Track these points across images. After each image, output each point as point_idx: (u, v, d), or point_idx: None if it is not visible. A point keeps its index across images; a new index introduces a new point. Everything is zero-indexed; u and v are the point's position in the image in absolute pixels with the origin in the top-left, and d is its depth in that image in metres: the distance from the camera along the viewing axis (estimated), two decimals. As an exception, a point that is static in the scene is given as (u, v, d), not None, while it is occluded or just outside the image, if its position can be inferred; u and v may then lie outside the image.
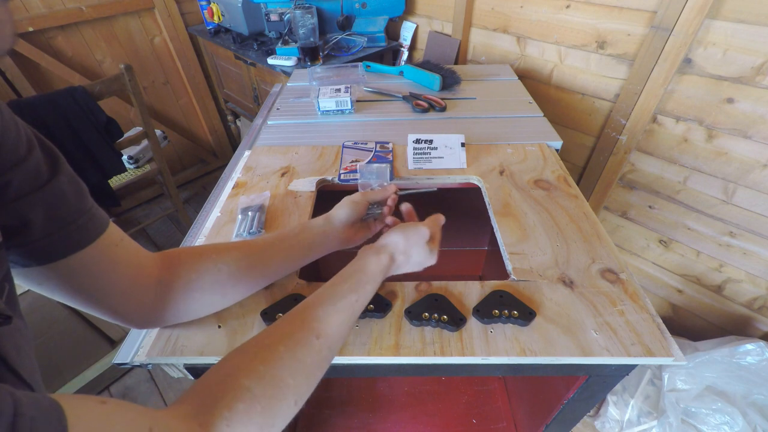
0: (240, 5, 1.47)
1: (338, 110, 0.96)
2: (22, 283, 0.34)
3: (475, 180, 0.76)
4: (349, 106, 0.95)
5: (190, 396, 0.31)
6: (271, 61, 1.46)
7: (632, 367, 0.51)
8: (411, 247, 0.50)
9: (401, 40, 1.65)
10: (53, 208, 0.32)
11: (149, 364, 0.48)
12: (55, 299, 0.37)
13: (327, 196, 0.76)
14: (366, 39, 1.55)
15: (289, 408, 0.34)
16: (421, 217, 0.57)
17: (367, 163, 0.78)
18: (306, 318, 0.39)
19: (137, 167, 1.64)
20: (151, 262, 0.43)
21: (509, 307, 0.50)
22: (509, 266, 0.58)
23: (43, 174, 0.32)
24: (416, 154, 0.80)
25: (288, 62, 1.43)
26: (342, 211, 0.56)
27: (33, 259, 0.33)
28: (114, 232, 0.38)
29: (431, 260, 0.52)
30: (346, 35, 1.53)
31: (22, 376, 0.27)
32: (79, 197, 0.35)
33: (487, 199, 0.70)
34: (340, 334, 0.41)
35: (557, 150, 0.85)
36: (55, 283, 0.35)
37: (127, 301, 0.40)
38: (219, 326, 0.50)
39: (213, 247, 0.48)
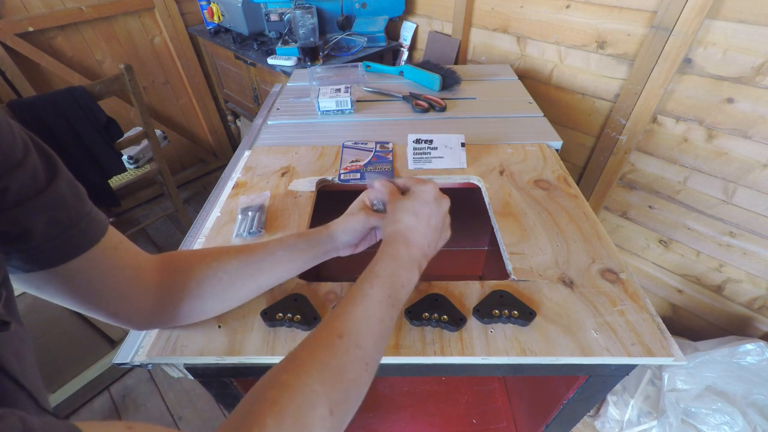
0: (240, 5, 1.47)
1: (338, 110, 0.96)
2: (20, 288, 0.34)
3: (475, 180, 0.76)
4: (349, 106, 0.95)
5: (227, 420, 0.30)
6: (271, 61, 1.46)
7: (632, 367, 0.51)
8: (402, 202, 0.47)
9: (401, 40, 1.65)
10: (53, 213, 0.32)
11: (149, 364, 0.48)
12: (55, 303, 0.37)
13: (327, 196, 0.76)
14: (366, 39, 1.55)
15: (324, 418, 0.31)
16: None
17: (370, 169, 0.78)
18: (327, 320, 0.38)
19: (137, 167, 1.64)
20: (151, 264, 0.43)
21: (509, 307, 0.50)
22: (509, 266, 0.58)
23: (41, 179, 0.31)
24: (416, 154, 0.80)
25: (288, 62, 1.43)
26: (347, 236, 0.54)
27: (34, 264, 0.33)
28: (113, 234, 0.38)
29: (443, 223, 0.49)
30: (346, 35, 1.53)
31: (22, 383, 0.27)
32: (79, 200, 0.35)
33: (487, 199, 0.70)
34: (367, 328, 0.38)
35: (557, 150, 0.85)
36: (55, 287, 0.35)
37: (126, 304, 0.40)
38: (219, 326, 0.50)
39: (213, 252, 0.48)
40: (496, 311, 0.50)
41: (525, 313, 0.49)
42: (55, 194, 0.32)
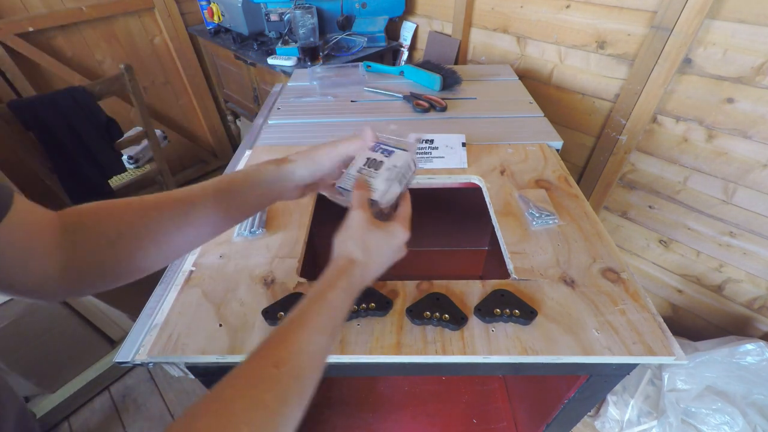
0: (240, 5, 1.47)
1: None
2: None
3: (475, 180, 0.76)
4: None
5: None
6: (271, 61, 1.46)
7: (633, 366, 0.51)
8: (378, 233, 0.41)
9: (401, 40, 1.65)
10: None
11: (150, 362, 0.48)
12: None
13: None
14: (366, 39, 1.55)
15: None
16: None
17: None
18: (265, 345, 0.32)
19: (137, 167, 1.65)
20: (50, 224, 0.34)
21: (510, 306, 0.50)
22: (510, 265, 0.58)
23: None
24: (417, 153, 0.80)
25: (288, 62, 1.43)
26: (304, 171, 0.45)
27: None
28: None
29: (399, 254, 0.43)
30: (346, 35, 1.53)
31: None
32: None
33: (488, 199, 0.70)
34: (309, 360, 0.33)
35: (558, 150, 0.85)
36: None
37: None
38: (220, 325, 0.50)
39: (133, 205, 0.38)
40: (498, 310, 0.50)
41: (526, 312, 0.49)
42: None
